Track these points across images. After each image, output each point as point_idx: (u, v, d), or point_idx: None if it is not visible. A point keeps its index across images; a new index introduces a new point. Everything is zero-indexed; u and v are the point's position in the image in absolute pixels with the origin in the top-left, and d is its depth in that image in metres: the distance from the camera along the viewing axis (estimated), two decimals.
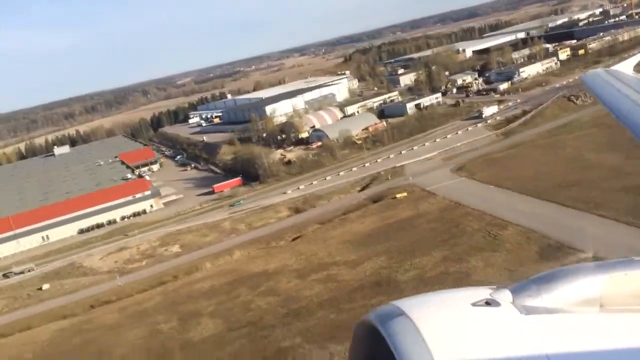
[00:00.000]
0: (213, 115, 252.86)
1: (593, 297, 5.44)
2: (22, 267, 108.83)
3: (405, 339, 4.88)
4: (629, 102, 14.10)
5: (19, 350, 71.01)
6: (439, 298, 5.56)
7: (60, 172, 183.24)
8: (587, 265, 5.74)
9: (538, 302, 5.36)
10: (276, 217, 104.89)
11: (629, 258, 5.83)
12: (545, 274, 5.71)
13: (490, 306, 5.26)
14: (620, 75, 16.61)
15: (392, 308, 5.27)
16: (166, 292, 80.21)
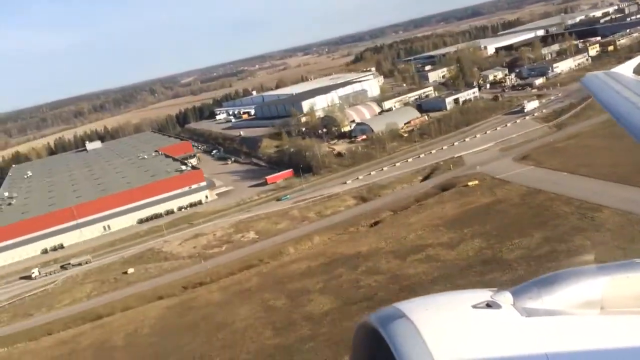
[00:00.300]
0: (241, 111, 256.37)
1: (594, 300, 5.47)
2: (79, 259, 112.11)
3: (406, 341, 4.91)
4: (628, 104, 14.10)
5: (134, 326, 74.65)
6: (439, 300, 5.60)
7: (103, 165, 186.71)
8: (588, 267, 5.80)
9: (539, 304, 5.39)
10: (344, 206, 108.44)
11: (630, 260, 5.88)
12: (546, 276, 5.73)
13: (491, 308, 5.30)
14: (619, 78, 16.68)
15: (393, 310, 5.33)
16: (261, 273, 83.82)
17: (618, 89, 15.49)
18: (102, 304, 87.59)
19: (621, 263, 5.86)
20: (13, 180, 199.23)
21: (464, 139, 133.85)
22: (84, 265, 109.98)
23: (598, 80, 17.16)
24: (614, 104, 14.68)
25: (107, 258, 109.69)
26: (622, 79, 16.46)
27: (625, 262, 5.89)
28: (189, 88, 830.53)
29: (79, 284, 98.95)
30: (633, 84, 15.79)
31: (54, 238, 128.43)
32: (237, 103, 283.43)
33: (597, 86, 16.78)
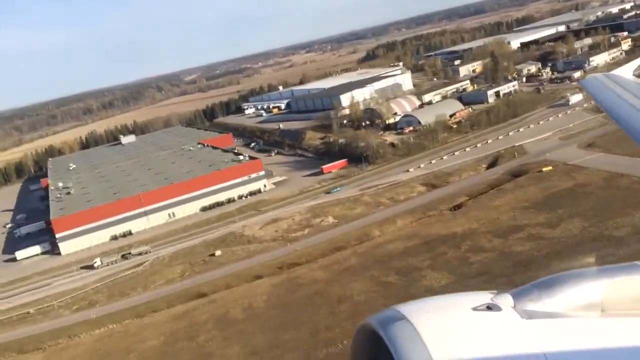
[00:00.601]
0: (271, 105, 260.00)
1: (594, 302, 5.46)
2: (140, 249, 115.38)
3: (406, 343, 4.93)
4: (628, 106, 14.06)
5: (247, 301, 78.46)
6: (440, 302, 5.60)
7: (150, 157, 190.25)
8: (588, 270, 5.79)
9: (539, 306, 5.38)
10: (416, 192, 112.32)
11: (631, 263, 5.86)
12: (546, 278, 5.76)
13: (491, 311, 5.31)
14: (619, 80, 16.62)
15: (393, 312, 5.35)
16: (357, 253, 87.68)
17: (618, 91, 15.46)
18: (199, 283, 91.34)
19: (622, 265, 5.87)
20: (56, 172, 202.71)
21: (518, 129, 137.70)
22: (143, 255, 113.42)
23: (598, 82, 17.24)
24: (614, 106, 14.67)
25: (185, 242, 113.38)
26: (622, 81, 16.47)
27: (626, 264, 5.90)
28: (196, 85, 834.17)
29: (167, 266, 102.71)
30: (633, 86, 15.76)
31: (122, 225, 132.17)
32: (264, 98, 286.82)
33: (597, 88, 16.82)
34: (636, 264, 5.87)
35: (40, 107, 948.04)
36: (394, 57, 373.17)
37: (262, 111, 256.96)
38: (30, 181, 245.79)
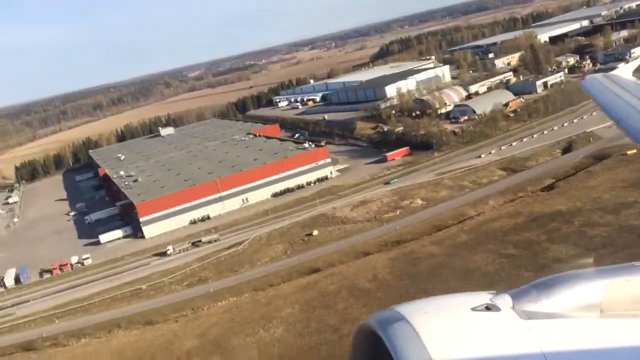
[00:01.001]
0: (305, 98, 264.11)
1: (593, 303, 5.60)
2: (209, 237, 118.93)
3: (405, 344, 5.05)
4: (627, 106, 14.06)
5: (370, 273, 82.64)
6: (439, 303, 5.76)
7: (200, 147, 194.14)
8: (587, 270, 5.95)
9: (538, 307, 5.54)
10: (497, 175, 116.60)
11: (630, 264, 6.03)
12: (545, 279, 5.93)
13: (490, 311, 5.45)
14: (619, 80, 16.66)
15: (392, 313, 5.51)
16: (463, 230, 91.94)
17: (617, 92, 15.47)
18: (307, 259, 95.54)
19: (620, 266, 5.93)
20: (107, 162, 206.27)
21: (582, 116, 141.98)
22: (213, 243, 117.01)
23: (597, 82, 17.33)
24: (614, 107, 14.67)
25: (272, 225, 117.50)
26: (621, 81, 16.53)
27: (625, 265, 5.95)
28: (204, 81, 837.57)
29: (266, 245, 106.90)
30: (632, 86, 15.80)
31: (200, 210, 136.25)
32: (297, 91, 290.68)
33: (597, 88, 16.83)
34: (634, 265, 5.94)
35: (46, 103, 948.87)
36: (417, 51, 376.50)
37: (298, 103, 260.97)
38: (72, 172, 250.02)
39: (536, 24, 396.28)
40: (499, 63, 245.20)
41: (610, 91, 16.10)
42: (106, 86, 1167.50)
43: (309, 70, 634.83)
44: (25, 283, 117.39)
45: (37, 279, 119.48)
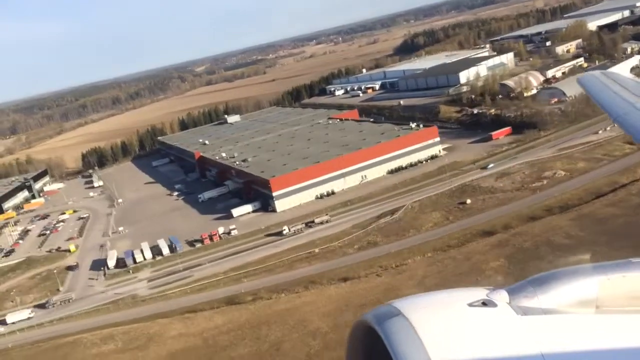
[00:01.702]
0: (363, 86, 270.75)
1: (589, 299, 5.65)
2: (321, 218, 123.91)
3: (402, 339, 5.08)
4: (625, 104, 14.06)
5: (564, 231, 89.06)
6: (435, 298, 5.84)
7: (286, 130, 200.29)
8: (584, 266, 6.00)
9: (534, 302, 5.58)
10: (627, 148, 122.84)
11: (626, 260, 6.10)
12: (541, 275, 5.99)
13: (486, 307, 5.49)
14: (616, 77, 16.64)
15: (389, 308, 5.52)
16: (632, 194, 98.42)
17: (615, 89, 15.44)
18: (474, 224, 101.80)
19: (617, 262, 6.07)
20: (189, 147, 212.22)
21: None
22: (325, 224, 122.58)
23: (595, 79, 17.24)
24: (611, 104, 14.70)
25: (413, 196, 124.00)
26: (619, 78, 16.55)
27: (621, 261, 6.09)
28: (219, 75, 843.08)
29: (421, 213, 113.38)
30: (630, 83, 15.81)
31: (324, 186, 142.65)
32: (350, 80, 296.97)
33: (594, 85, 16.76)
34: (630, 261, 6.08)
35: (57, 97, 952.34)
36: (456, 42, 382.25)
37: (359, 91, 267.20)
38: (140, 158, 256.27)
39: (572, 14, 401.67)
40: (559, 50, 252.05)
41: (608, 88, 16.03)
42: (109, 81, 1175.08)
43: (324, 63, 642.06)
44: (180, 252, 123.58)
45: (187, 248, 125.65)
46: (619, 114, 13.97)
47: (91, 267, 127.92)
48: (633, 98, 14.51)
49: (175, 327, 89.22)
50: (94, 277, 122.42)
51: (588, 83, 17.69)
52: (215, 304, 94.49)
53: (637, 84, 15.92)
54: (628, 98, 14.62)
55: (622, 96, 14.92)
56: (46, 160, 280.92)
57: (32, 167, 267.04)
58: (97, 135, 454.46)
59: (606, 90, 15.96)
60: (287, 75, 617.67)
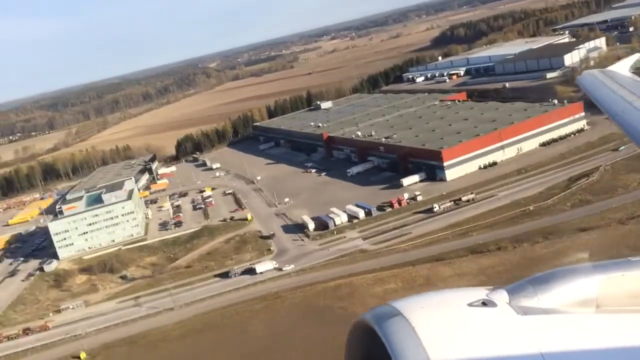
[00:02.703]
0: (445, 73, 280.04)
1: (589, 298, 5.67)
2: (468, 197, 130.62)
3: (401, 339, 5.10)
4: (624, 102, 14.21)
5: None
6: (435, 298, 5.84)
7: (410, 112, 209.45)
8: (583, 266, 6.03)
9: (534, 302, 5.61)
10: None
11: (626, 259, 6.12)
12: (541, 274, 6.00)
13: (486, 307, 5.51)
14: (615, 76, 16.77)
15: (389, 308, 5.56)
16: None
17: (614, 88, 15.51)
18: None
19: (616, 261, 6.10)
20: (304, 129, 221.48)
21: None
22: (470, 202, 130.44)
23: (594, 78, 17.31)
24: (610, 102, 14.75)
25: (585, 163, 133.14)
26: (617, 77, 16.63)
27: (620, 260, 6.12)
28: (247, 70, 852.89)
29: (619, 174, 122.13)
30: (628, 82, 15.88)
31: (486, 157, 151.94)
32: (428, 67, 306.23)
33: (593, 84, 16.82)
34: (630, 260, 6.12)
35: (79, 94, 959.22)
36: (515, 30, 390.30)
37: (445, 77, 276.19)
38: (236, 144, 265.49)
39: (620, 4, 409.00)
40: None
41: (606, 87, 16.05)
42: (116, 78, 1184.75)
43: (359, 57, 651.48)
44: (375, 215, 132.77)
45: (377, 213, 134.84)
46: (617, 113, 13.98)
47: (286, 232, 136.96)
48: (631, 97, 14.52)
49: (442, 270, 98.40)
50: (296, 239, 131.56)
51: (587, 82, 17.78)
52: (461, 252, 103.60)
53: (635, 83, 15.97)
54: (626, 97, 14.63)
55: (620, 95, 14.93)
56: (133, 148, 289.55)
57: (129, 153, 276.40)
58: (151, 128, 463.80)
59: (604, 89, 16.00)
60: (324, 68, 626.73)
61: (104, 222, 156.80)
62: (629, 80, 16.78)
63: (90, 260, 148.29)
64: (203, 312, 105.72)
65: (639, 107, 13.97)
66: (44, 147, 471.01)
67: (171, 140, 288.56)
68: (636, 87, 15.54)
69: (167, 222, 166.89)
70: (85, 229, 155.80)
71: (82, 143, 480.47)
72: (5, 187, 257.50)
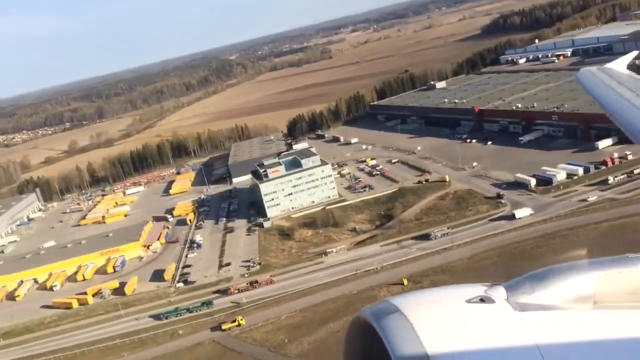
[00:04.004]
0: (550, 54, 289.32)
1: (587, 294, 5.73)
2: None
3: (400, 336, 5.14)
4: (622, 100, 14.49)
5: None
6: (433, 295, 5.87)
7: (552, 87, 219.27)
8: (581, 262, 6.09)
9: (532, 299, 5.65)
10: None
11: (623, 256, 6.17)
12: (539, 271, 6.05)
13: (484, 303, 5.56)
14: (613, 73, 17.24)
15: (387, 305, 5.61)
16: None
17: (612, 85, 15.99)
18: None
19: (614, 258, 6.16)
20: (432, 106, 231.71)
21: None
22: None
23: (592, 75, 17.77)
24: (608, 100, 15.12)
25: None
26: (615, 74, 17.06)
27: (618, 257, 6.17)
28: (283, 60, 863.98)
29: None
30: (626, 80, 16.32)
31: None
32: (528, 49, 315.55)
33: (591, 82, 17.29)
34: (627, 257, 6.18)
35: (111, 85, 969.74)
36: (592, 15, 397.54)
37: (554, 58, 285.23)
38: (353, 122, 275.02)
39: None
40: None
41: (604, 84, 16.14)
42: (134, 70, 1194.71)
43: (404, 47, 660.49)
44: (591, 173, 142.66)
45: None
46: (615, 110, 14.06)
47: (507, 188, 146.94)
48: (628, 94, 14.63)
49: None
50: (521, 194, 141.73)
51: (585, 79, 17.89)
52: None
53: (633, 80, 16.03)
54: (623, 94, 14.73)
55: (618, 92, 15.05)
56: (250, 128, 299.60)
57: (247, 132, 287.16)
58: (219, 114, 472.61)
59: (603, 86, 16.08)
60: (371, 57, 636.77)
61: (306, 185, 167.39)
62: (627, 77, 16.96)
63: (298, 219, 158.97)
64: (484, 250, 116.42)
65: (637, 104, 14.06)
66: (114, 133, 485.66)
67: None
68: (634, 84, 15.62)
69: (351, 186, 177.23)
70: (290, 191, 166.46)
71: (151, 129, 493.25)
72: (137, 163, 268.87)
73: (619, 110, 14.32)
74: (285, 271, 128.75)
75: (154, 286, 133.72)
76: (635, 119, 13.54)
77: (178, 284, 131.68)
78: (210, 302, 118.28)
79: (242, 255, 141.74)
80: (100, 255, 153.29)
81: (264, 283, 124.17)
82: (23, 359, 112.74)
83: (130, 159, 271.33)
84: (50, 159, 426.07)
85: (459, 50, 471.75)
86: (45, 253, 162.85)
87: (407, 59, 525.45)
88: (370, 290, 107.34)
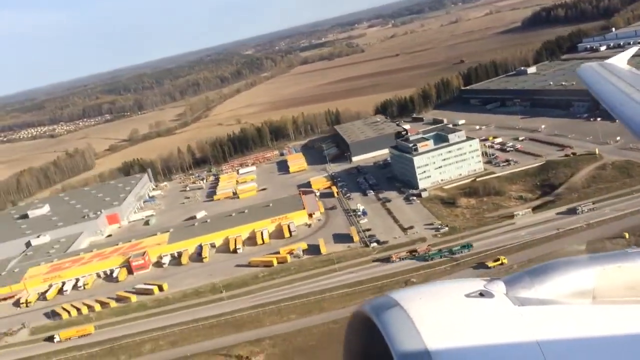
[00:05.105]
0: (632, 41, 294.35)
1: (586, 289, 5.75)
2: None
3: (400, 330, 5.18)
4: (622, 95, 14.47)
5: None
6: (433, 290, 5.92)
7: None
8: (580, 257, 6.08)
9: (531, 293, 5.68)
10: None
11: (622, 250, 6.22)
12: (538, 266, 6.07)
13: (484, 297, 5.59)
14: (614, 69, 17.26)
15: (387, 299, 5.64)
16: None
17: (612, 80, 16.00)
18: None
19: (613, 253, 6.20)
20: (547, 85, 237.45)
21: None
22: None
23: (593, 71, 17.94)
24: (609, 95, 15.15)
25: None
26: (616, 70, 17.18)
27: (617, 252, 6.22)
28: (314, 54, 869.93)
29: None
30: (627, 75, 16.41)
31: None
32: (607, 37, 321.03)
33: (592, 77, 17.40)
34: (627, 252, 6.23)
35: (136, 79, 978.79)
36: None
37: (636, 46, 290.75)
38: (443, 107, 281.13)
39: None
40: None
41: (605, 80, 16.30)
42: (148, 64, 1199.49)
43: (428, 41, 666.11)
44: None
45: None
46: (616, 106, 14.18)
47: None
48: (629, 89, 14.74)
49: None
50: None
51: (586, 74, 17.85)
52: None
53: (633, 76, 16.07)
54: (624, 89, 14.84)
55: (619, 88, 15.08)
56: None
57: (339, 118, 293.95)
58: (272, 104, 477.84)
59: (603, 82, 16.12)
60: (410, 50, 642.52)
61: (454, 158, 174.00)
62: (627, 72, 17.08)
63: (451, 189, 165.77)
64: None
65: (637, 99, 14.11)
66: (168, 123, 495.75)
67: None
68: (634, 80, 15.70)
69: (490, 161, 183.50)
70: (440, 164, 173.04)
71: (206, 119, 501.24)
72: (238, 146, 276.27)
73: (619, 105, 14.37)
74: (479, 231, 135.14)
75: (343, 247, 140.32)
76: (636, 114, 13.63)
77: (372, 244, 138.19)
78: (470, 245, 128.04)
79: (417, 220, 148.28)
80: (271, 222, 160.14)
81: (421, 252, 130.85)
82: (257, 305, 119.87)
83: (229, 142, 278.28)
84: (115, 147, 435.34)
85: (505, 42, 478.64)
86: (215, 221, 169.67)
87: (450, 51, 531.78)
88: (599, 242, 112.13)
